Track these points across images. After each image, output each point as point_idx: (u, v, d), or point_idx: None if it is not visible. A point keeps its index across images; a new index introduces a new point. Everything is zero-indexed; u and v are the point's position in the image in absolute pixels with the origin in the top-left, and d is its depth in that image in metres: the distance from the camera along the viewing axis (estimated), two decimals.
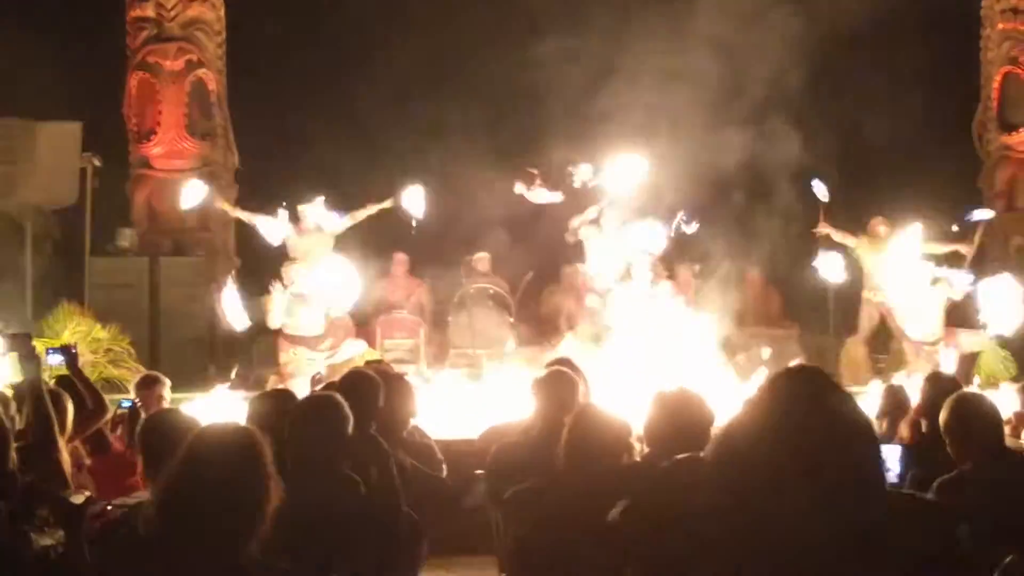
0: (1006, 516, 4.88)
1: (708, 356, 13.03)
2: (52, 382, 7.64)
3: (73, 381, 7.80)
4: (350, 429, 5.34)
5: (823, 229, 14.88)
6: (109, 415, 7.91)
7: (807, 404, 1.83)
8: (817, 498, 1.73)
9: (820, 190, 14.78)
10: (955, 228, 14.77)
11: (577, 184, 13.89)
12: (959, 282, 13.73)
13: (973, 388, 12.49)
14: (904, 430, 7.22)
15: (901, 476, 5.70)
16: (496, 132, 15.60)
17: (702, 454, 1.86)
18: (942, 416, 5.46)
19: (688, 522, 1.90)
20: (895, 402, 7.97)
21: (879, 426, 7.70)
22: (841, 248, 14.93)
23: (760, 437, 1.80)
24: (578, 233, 14.19)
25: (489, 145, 15.23)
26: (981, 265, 14.89)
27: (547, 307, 16.35)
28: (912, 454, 5.86)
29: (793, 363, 1.96)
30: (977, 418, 5.37)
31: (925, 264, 13.90)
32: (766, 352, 13.75)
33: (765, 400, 1.87)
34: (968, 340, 13.93)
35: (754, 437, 1.81)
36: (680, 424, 4.91)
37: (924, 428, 6.64)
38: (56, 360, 7.92)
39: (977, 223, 14.84)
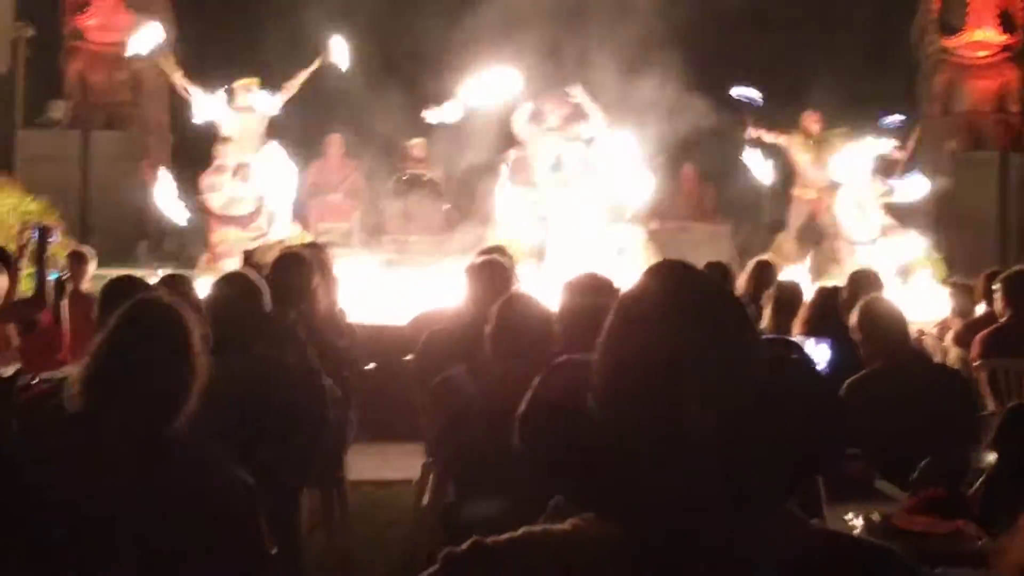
0: (885, 413, 5.24)
1: (634, 251, 13.12)
2: None
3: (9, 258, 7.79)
4: (266, 306, 5.29)
5: (754, 133, 14.88)
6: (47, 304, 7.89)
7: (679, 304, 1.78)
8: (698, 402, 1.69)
9: (749, 94, 14.79)
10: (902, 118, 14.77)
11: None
12: (898, 187, 14.02)
13: (899, 284, 12.79)
14: (797, 327, 7.41)
15: (830, 367, 5.87)
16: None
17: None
18: (852, 318, 5.81)
19: (572, 422, 1.87)
20: (787, 297, 7.99)
21: (770, 323, 7.80)
22: (772, 148, 15.00)
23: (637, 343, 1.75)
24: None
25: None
26: (912, 170, 15.00)
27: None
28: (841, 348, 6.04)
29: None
30: (884, 320, 5.70)
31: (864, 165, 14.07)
32: None
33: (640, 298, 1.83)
34: (903, 241, 14.11)
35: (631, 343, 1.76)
36: (591, 309, 4.86)
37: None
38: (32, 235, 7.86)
39: (910, 128, 14.97)
